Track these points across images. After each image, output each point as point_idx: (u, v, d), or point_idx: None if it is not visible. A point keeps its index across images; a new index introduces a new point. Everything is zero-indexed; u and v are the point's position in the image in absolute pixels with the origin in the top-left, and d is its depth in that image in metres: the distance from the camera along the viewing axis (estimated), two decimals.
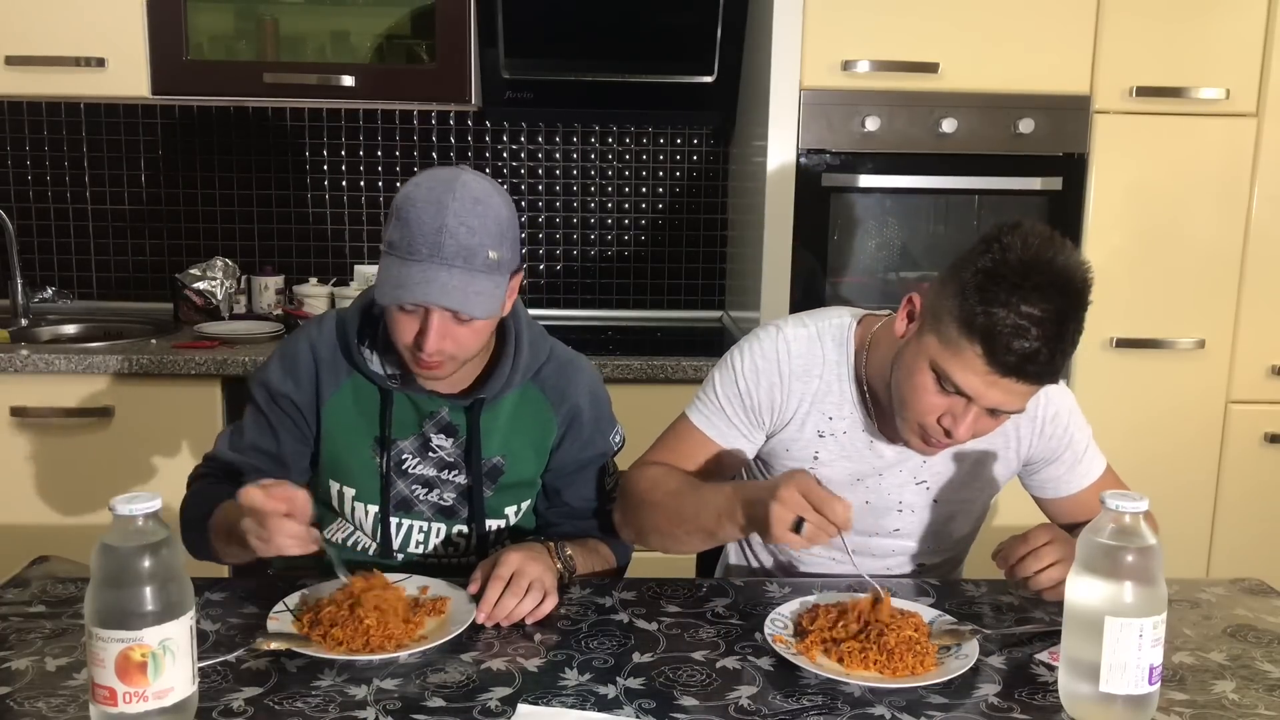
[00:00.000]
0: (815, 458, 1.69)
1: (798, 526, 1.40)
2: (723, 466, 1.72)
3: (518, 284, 1.63)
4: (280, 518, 1.38)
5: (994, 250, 1.40)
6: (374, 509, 1.70)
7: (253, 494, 1.38)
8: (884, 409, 1.62)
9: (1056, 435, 1.68)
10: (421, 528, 1.72)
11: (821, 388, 1.66)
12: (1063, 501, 1.72)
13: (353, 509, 1.72)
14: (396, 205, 1.55)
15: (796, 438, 1.68)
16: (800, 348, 1.67)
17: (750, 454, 1.73)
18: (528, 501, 1.77)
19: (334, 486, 1.72)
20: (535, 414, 1.73)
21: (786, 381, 1.66)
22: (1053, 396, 1.67)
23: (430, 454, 1.70)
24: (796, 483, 1.42)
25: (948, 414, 1.48)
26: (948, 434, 1.49)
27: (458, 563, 1.74)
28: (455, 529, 1.73)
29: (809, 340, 1.67)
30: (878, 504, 1.70)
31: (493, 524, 1.74)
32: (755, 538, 1.82)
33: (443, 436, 1.69)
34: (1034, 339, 1.37)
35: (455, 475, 1.71)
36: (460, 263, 1.50)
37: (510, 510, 1.75)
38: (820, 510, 1.39)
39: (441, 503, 1.72)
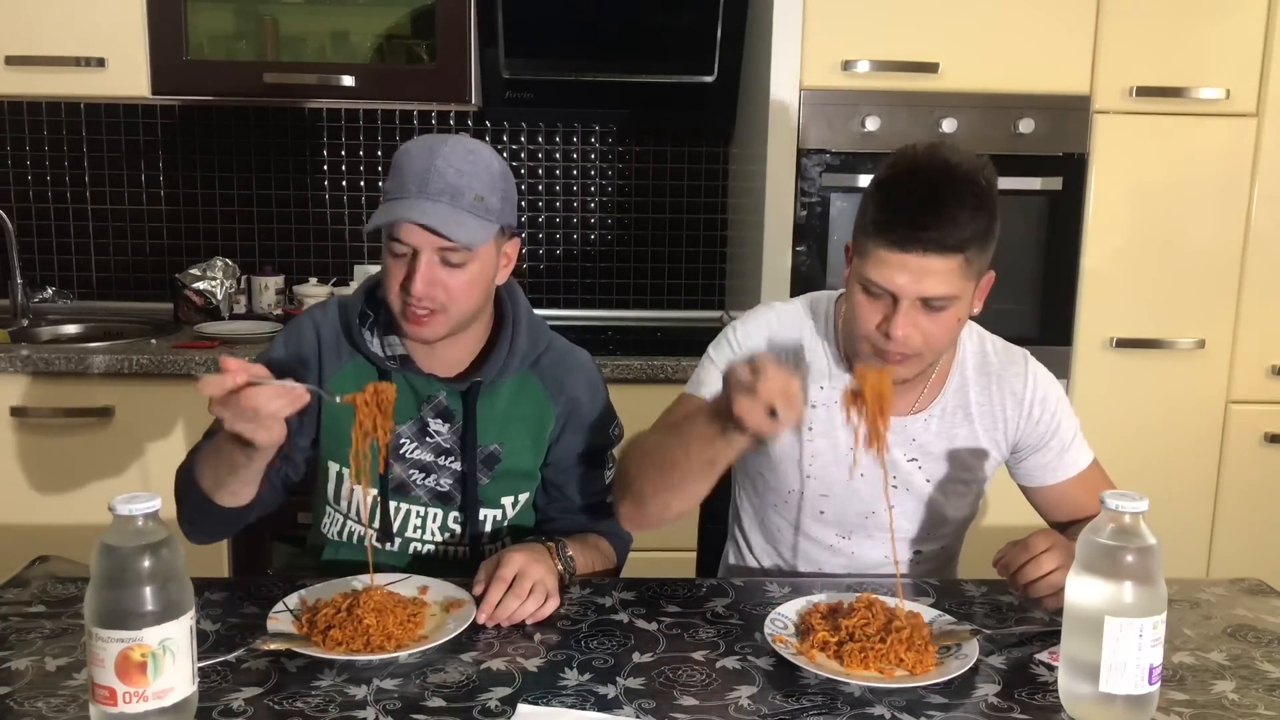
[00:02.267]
0: (810, 429, 1.70)
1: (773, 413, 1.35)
2: None
3: (515, 251, 1.69)
4: (251, 388, 1.35)
5: (882, 167, 1.55)
6: (372, 491, 1.71)
7: (208, 381, 1.34)
8: None
9: (1044, 420, 1.70)
10: (418, 513, 1.73)
11: (810, 358, 1.70)
12: (1048, 490, 1.74)
13: (350, 491, 1.72)
14: (394, 159, 1.59)
15: None
16: (789, 320, 1.73)
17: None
18: (525, 494, 1.77)
19: (332, 468, 1.73)
20: (533, 403, 1.73)
21: (777, 349, 1.70)
22: (1040, 380, 1.71)
23: (427, 439, 1.70)
24: (741, 388, 1.35)
25: (884, 319, 1.53)
26: (889, 337, 1.53)
27: (453, 552, 1.74)
28: (451, 515, 1.73)
29: (796, 314, 1.74)
30: (871, 477, 1.69)
31: (488, 513, 1.74)
32: (756, 540, 1.82)
33: (440, 421, 1.70)
34: (918, 205, 1.47)
35: (451, 461, 1.71)
36: (446, 199, 1.54)
37: (507, 501, 1.75)
38: (773, 389, 1.34)
39: (438, 488, 1.72)
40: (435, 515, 1.73)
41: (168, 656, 1.15)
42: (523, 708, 1.26)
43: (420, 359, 1.68)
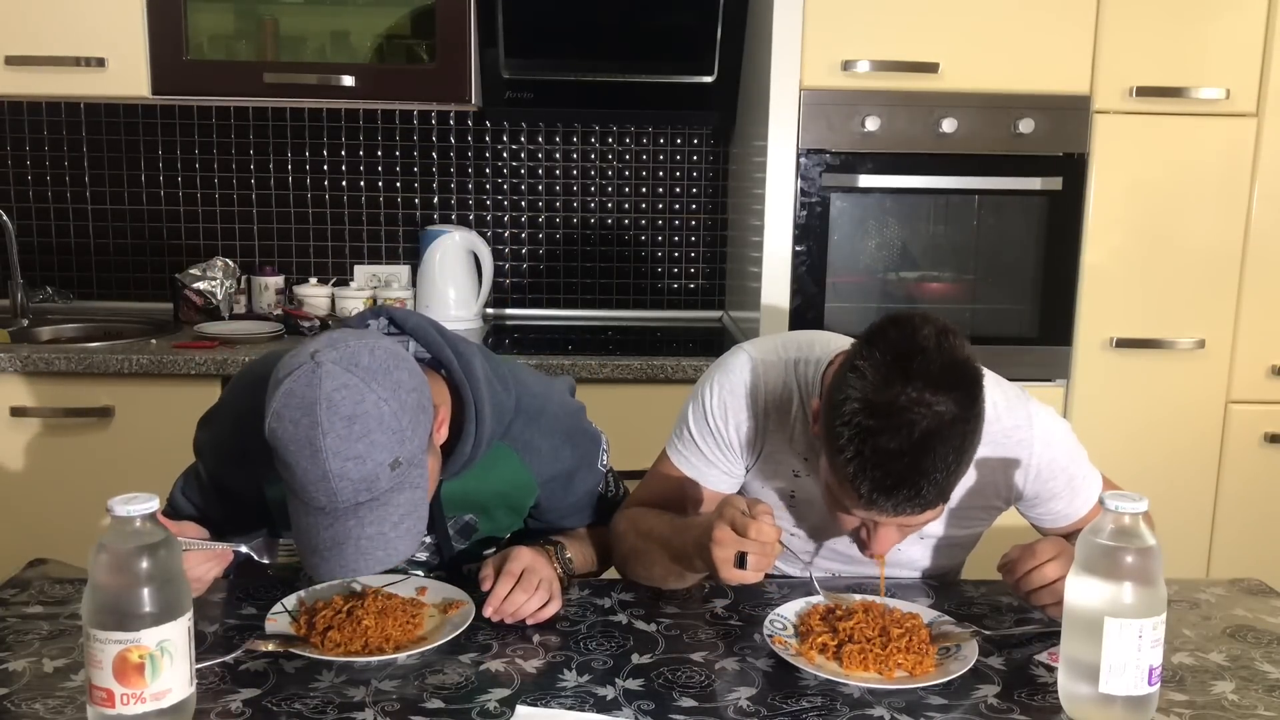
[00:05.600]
0: (792, 496, 1.65)
1: (742, 561, 1.37)
2: (706, 503, 1.66)
3: (442, 417, 1.45)
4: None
5: (849, 384, 1.33)
6: None
7: None
8: None
9: (1054, 477, 1.61)
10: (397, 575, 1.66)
11: (795, 425, 1.60)
12: (1063, 527, 1.67)
13: None
14: (268, 438, 1.31)
15: (772, 476, 1.64)
16: (774, 379, 1.60)
17: (734, 489, 1.67)
18: (508, 534, 1.71)
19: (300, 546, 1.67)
20: (510, 477, 1.61)
21: (756, 417, 1.60)
22: (1048, 443, 1.60)
23: None
24: (724, 518, 1.39)
25: (863, 527, 1.45)
26: (866, 544, 1.46)
27: None
28: (432, 574, 1.66)
29: (783, 371, 1.60)
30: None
31: (470, 566, 1.67)
32: None
33: None
34: (894, 477, 1.31)
35: (424, 535, 1.59)
36: (364, 497, 1.30)
37: (488, 551, 1.69)
38: (750, 536, 1.36)
39: (414, 558, 1.65)
40: (416, 575, 1.64)
41: (165, 658, 1.15)
42: (521, 709, 1.25)
43: None
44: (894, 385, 1.30)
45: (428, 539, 1.64)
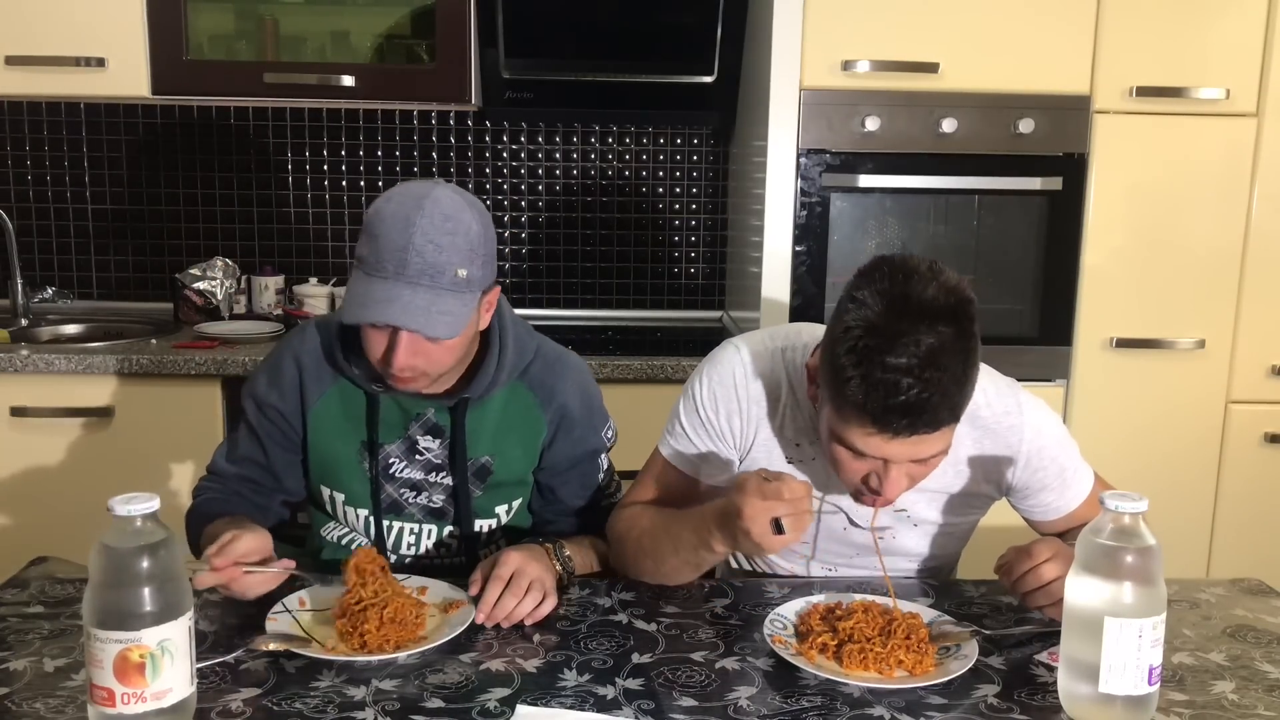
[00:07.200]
0: None
1: (778, 528, 1.38)
2: (701, 497, 1.67)
3: (495, 297, 1.63)
4: (243, 578, 1.43)
5: (849, 315, 1.37)
6: (364, 512, 1.71)
7: (202, 580, 1.41)
8: None
9: (1044, 466, 1.62)
10: (412, 529, 1.73)
11: (785, 412, 1.62)
12: (1055, 522, 1.68)
13: (345, 513, 1.72)
14: (367, 220, 1.52)
15: (766, 464, 1.64)
16: (762, 368, 1.62)
17: (728, 480, 1.67)
18: (519, 500, 1.76)
19: (325, 491, 1.73)
20: (524, 413, 1.71)
21: (746, 406, 1.62)
22: (1038, 432, 1.61)
23: (417, 456, 1.69)
24: (751, 490, 1.39)
25: (872, 474, 1.44)
26: (876, 490, 1.45)
27: (449, 564, 1.74)
28: (446, 530, 1.73)
29: (771, 360, 1.63)
30: (856, 530, 1.66)
31: (482, 524, 1.74)
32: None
33: (429, 438, 1.69)
34: (905, 399, 1.32)
35: (443, 477, 1.70)
36: (426, 281, 1.49)
37: (501, 509, 1.75)
38: (784, 497, 1.37)
39: (431, 505, 1.71)
40: (430, 531, 1.73)
41: (166, 657, 1.15)
42: (521, 709, 1.26)
43: None
44: (895, 308, 1.34)
45: (447, 480, 1.69)
